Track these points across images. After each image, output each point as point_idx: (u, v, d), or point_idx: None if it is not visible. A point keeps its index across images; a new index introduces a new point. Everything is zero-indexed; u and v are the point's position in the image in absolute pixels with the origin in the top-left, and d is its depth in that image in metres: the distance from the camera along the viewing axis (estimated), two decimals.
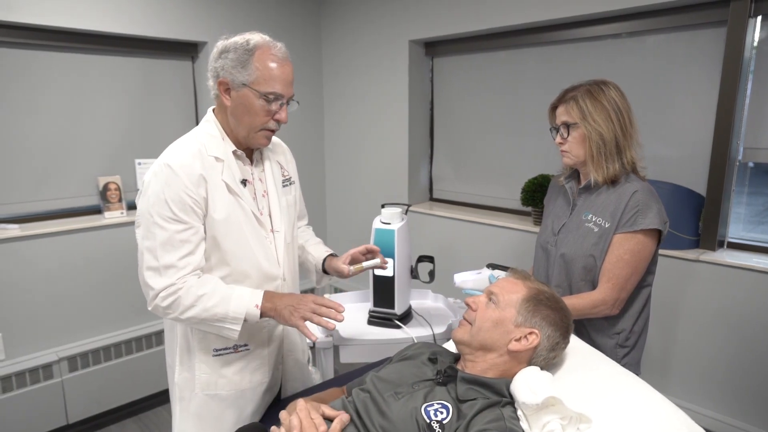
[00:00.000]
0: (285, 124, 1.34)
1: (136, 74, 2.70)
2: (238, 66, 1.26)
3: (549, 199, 1.72)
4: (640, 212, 1.40)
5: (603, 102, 1.43)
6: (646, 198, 1.41)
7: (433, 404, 1.07)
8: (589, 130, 1.43)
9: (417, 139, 3.04)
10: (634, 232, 1.41)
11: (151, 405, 2.73)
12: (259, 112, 1.28)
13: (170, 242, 1.23)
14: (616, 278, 1.42)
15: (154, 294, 1.24)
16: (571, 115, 1.46)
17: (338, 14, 3.23)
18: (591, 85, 1.46)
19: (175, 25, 2.68)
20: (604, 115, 1.42)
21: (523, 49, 2.60)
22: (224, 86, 1.29)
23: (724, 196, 2.01)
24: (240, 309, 1.27)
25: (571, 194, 1.58)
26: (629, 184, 1.44)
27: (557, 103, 1.52)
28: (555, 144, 1.54)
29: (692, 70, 2.08)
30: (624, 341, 1.51)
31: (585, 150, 1.46)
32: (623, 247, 1.42)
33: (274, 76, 1.27)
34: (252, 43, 1.27)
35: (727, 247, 2.07)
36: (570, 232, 1.53)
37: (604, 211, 1.46)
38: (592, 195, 1.51)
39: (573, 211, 1.56)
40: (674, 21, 2.07)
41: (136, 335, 2.62)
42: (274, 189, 1.44)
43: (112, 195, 2.63)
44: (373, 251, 1.54)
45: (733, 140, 1.97)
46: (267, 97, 1.27)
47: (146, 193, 1.27)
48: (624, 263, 1.41)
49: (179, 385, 1.40)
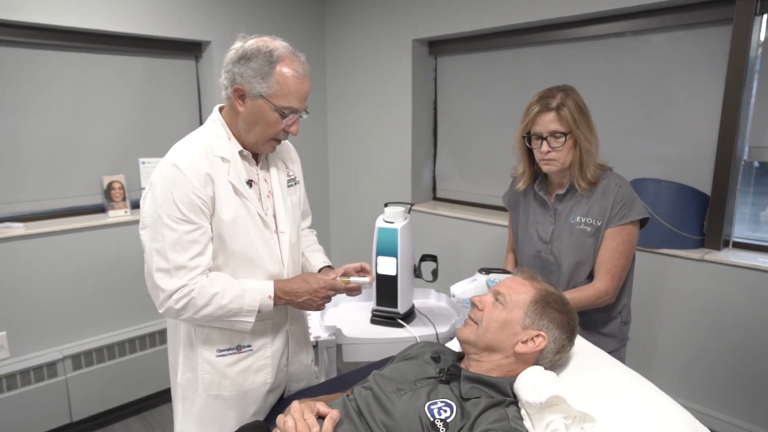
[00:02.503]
0: (295, 135, 1.35)
1: (140, 73, 2.71)
2: (257, 77, 1.24)
3: (514, 205, 1.76)
4: (626, 205, 1.49)
5: (581, 106, 1.49)
6: (629, 190, 1.51)
7: (437, 402, 1.07)
8: (580, 138, 1.48)
9: (420, 138, 3.04)
10: (624, 224, 1.49)
11: (155, 403, 2.73)
12: (272, 124, 1.29)
13: (180, 243, 1.23)
14: (614, 269, 1.50)
15: (165, 296, 1.24)
16: (562, 124, 1.47)
17: (342, 13, 3.22)
18: (568, 91, 1.49)
19: (179, 24, 2.68)
20: (585, 121, 1.48)
21: (526, 48, 2.59)
22: (239, 93, 1.27)
23: (729, 196, 1.99)
24: (254, 302, 1.30)
25: (548, 200, 1.62)
26: (607, 180, 1.52)
27: (542, 110, 1.49)
28: (539, 152, 1.52)
29: (696, 68, 2.07)
30: (627, 317, 1.63)
31: (572, 157, 1.51)
32: (616, 240, 1.50)
33: (292, 92, 1.27)
34: (276, 55, 1.25)
35: (732, 246, 2.06)
36: (564, 238, 1.57)
37: (592, 210, 1.52)
38: (574, 197, 1.56)
39: (556, 217, 1.59)
40: (678, 19, 2.06)
41: (140, 333, 2.63)
42: (279, 190, 1.44)
43: (116, 194, 2.63)
44: (366, 270, 1.51)
45: (739, 139, 1.96)
46: (283, 111, 1.27)
47: (153, 193, 1.26)
48: (619, 254, 1.50)
49: (182, 385, 1.40)
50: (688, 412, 1.07)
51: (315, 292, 1.37)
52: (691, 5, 2.01)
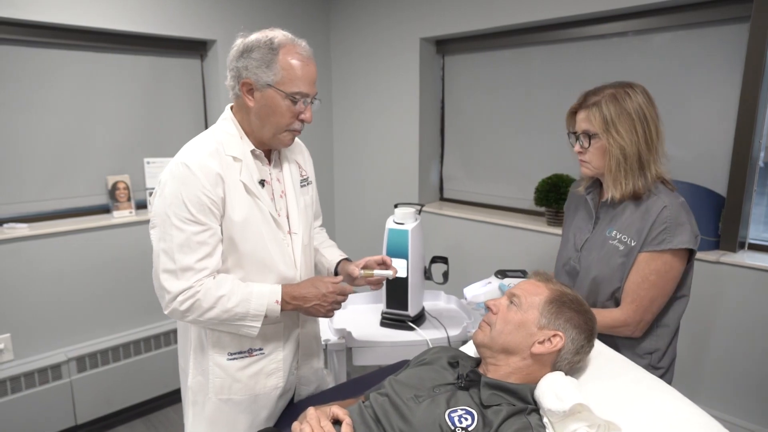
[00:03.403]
0: (309, 123, 1.32)
1: (144, 73, 2.68)
2: (262, 66, 1.23)
3: (569, 207, 1.62)
4: (668, 230, 1.30)
5: (628, 110, 1.31)
6: (676, 214, 1.30)
7: (457, 410, 1.04)
8: (610, 143, 1.32)
9: (428, 138, 3.01)
10: (661, 251, 1.31)
11: (160, 405, 2.71)
12: (285, 113, 1.27)
13: (187, 244, 1.21)
14: (640, 300, 1.33)
15: (171, 297, 1.21)
16: (593, 124, 1.34)
17: (347, 12, 3.19)
18: (616, 89, 1.34)
19: (184, 23, 2.65)
20: (628, 126, 1.31)
21: (533, 48, 2.55)
22: (247, 87, 1.26)
23: (746, 197, 1.96)
24: (261, 306, 1.27)
25: (593, 206, 1.47)
26: (657, 197, 1.33)
27: (577, 108, 1.39)
28: (573, 151, 1.43)
29: (710, 67, 2.03)
30: (657, 362, 1.40)
31: (605, 162, 1.35)
32: (649, 267, 1.32)
33: (299, 76, 1.25)
34: (276, 42, 1.24)
35: (747, 248, 2.03)
36: (594, 249, 1.43)
37: (629, 228, 1.35)
38: (617, 209, 1.40)
39: (596, 226, 1.45)
40: (691, 18, 2.02)
41: (145, 335, 2.60)
42: (293, 190, 1.41)
43: (121, 194, 2.60)
44: (387, 263, 1.50)
45: (755, 139, 1.92)
46: (293, 97, 1.25)
47: (163, 193, 1.24)
48: (649, 284, 1.32)
49: (192, 388, 1.37)
50: (715, 420, 1.04)
51: (324, 297, 1.34)
52: (705, 3, 1.98)
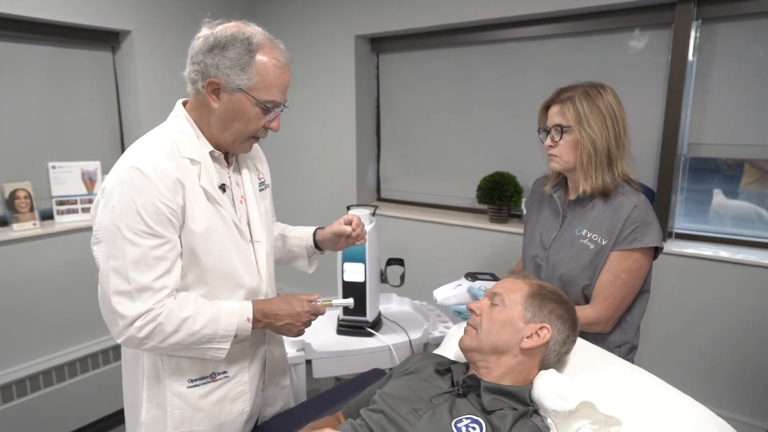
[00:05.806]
0: (276, 132, 1.21)
1: (47, 65, 2.35)
2: (236, 68, 1.09)
3: (531, 204, 1.64)
4: (638, 229, 1.33)
5: (600, 106, 1.35)
6: (645, 214, 1.35)
7: (462, 419, 1.00)
8: (582, 136, 1.35)
9: (364, 137, 2.94)
10: (632, 250, 1.34)
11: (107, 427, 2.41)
12: (253, 120, 1.14)
13: (143, 260, 1.05)
14: (612, 298, 1.36)
15: (126, 323, 1.04)
16: (566, 117, 1.37)
17: (277, 4, 3.04)
18: (589, 87, 1.38)
19: (93, 10, 2.36)
20: (600, 121, 1.35)
21: (468, 47, 2.59)
22: (214, 86, 1.11)
23: (673, 190, 2.11)
24: (231, 326, 1.13)
25: (560, 205, 1.50)
26: (625, 197, 1.37)
27: (551, 103, 1.43)
28: (543, 147, 1.44)
29: (639, 70, 2.16)
30: (625, 355, 1.45)
31: (576, 156, 1.38)
32: (621, 266, 1.35)
33: (274, 84, 1.13)
34: (255, 43, 1.10)
35: (675, 237, 2.18)
36: (563, 247, 1.44)
37: (599, 227, 1.38)
38: (585, 207, 1.43)
39: (563, 224, 1.47)
40: (621, 22, 2.15)
41: (58, 363, 2.28)
42: (253, 195, 1.29)
43: (22, 204, 2.26)
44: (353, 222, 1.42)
45: (680, 137, 2.08)
46: (264, 105, 1.13)
47: (109, 202, 1.06)
48: (621, 282, 1.35)
49: (146, 424, 1.20)
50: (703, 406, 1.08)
51: (298, 315, 1.23)
52: (632, 9, 2.10)
